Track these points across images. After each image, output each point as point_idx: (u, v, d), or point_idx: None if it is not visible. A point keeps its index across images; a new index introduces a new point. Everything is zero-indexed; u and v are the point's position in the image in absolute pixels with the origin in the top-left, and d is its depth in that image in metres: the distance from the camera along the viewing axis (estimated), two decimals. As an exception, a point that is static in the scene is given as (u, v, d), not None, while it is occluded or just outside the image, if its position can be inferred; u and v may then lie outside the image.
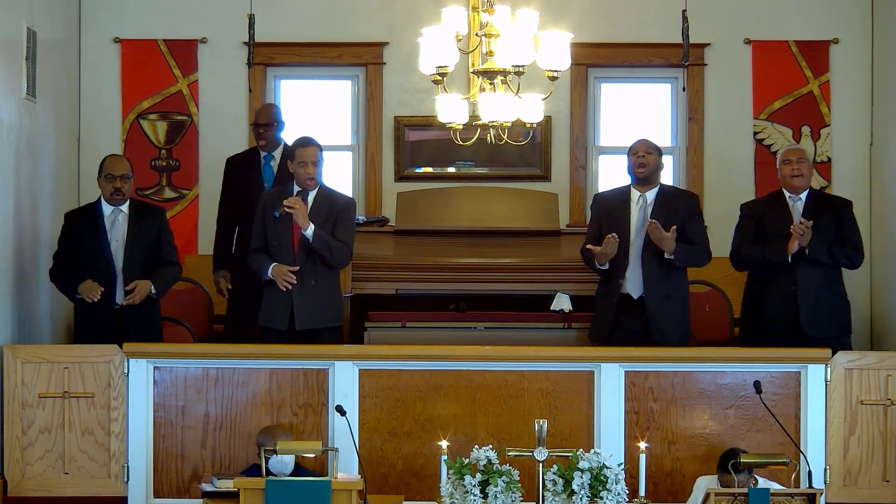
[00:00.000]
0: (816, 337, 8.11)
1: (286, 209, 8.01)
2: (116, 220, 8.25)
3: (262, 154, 9.28)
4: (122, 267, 8.18)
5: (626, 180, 8.48)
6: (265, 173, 9.22)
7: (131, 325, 8.14)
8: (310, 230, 8.04)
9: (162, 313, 8.51)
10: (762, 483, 7.14)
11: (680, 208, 8.31)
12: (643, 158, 8.26)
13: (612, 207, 8.36)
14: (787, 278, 8.25)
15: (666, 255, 8.14)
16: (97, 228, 8.22)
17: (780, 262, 8.22)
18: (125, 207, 8.27)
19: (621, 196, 8.37)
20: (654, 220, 8.08)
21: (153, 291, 8.17)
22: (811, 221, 8.12)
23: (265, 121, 9.27)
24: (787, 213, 8.35)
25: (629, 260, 8.22)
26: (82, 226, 8.26)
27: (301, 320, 8.07)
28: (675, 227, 8.10)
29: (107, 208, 8.26)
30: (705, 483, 7.28)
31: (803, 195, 8.39)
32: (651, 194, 8.30)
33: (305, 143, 8.19)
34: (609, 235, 8.11)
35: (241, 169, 9.31)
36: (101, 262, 8.16)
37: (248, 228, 8.70)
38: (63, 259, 8.26)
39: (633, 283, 8.21)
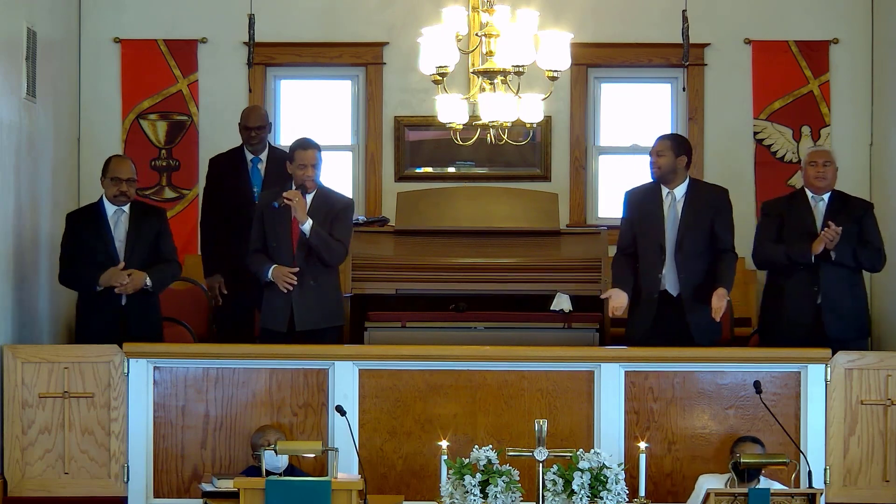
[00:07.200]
0: (838, 338, 8.04)
1: (285, 201, 8.00)
2: (119, 220, 8.24)
3: (250, 157, 9.17)
4: (124, 267, 8.16)
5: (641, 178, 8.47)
6: (253, 176, 9.13)
7: (133, 324, 8.13)
8: (307, 225, 8.03)
9: (162, 313, 8.50)
10: (763, 483, 7.14)
11: (709, 204, 8.21)
12: (655, 159, 8.20)
13: (645, 205, 8.26)
14: (809, 279, 8.19)
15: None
16: (101, 228, 8.20)
17: (803, 262, 8.19)
18: (126, 207, 8.25)
19: (652, 194, 8.27)
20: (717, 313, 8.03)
21: (148, 284, 8.14)
22: (841, 228, 8.06)
23: (257, 123, 9.13)
24: (809, 213, 8.30)
25: (665, 257, 8.17)
26: (85, 226, 8.24)
27: (301, 321, 8.08)
28: (724, 298, 7.99)
29: (110, 208, 8.24)
30: (707, 481, 7.28)
31: (826, 195, 8.35)
32: (679, 191, 8.21)
33: (305, 145, 8.15)
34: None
35: (227, 170, 9.19)
36: (105, 261, 8.14)
37: (237, 230, 8.69)
38: (70, 260, 8.23)
39: (671, 281, 8.14)
